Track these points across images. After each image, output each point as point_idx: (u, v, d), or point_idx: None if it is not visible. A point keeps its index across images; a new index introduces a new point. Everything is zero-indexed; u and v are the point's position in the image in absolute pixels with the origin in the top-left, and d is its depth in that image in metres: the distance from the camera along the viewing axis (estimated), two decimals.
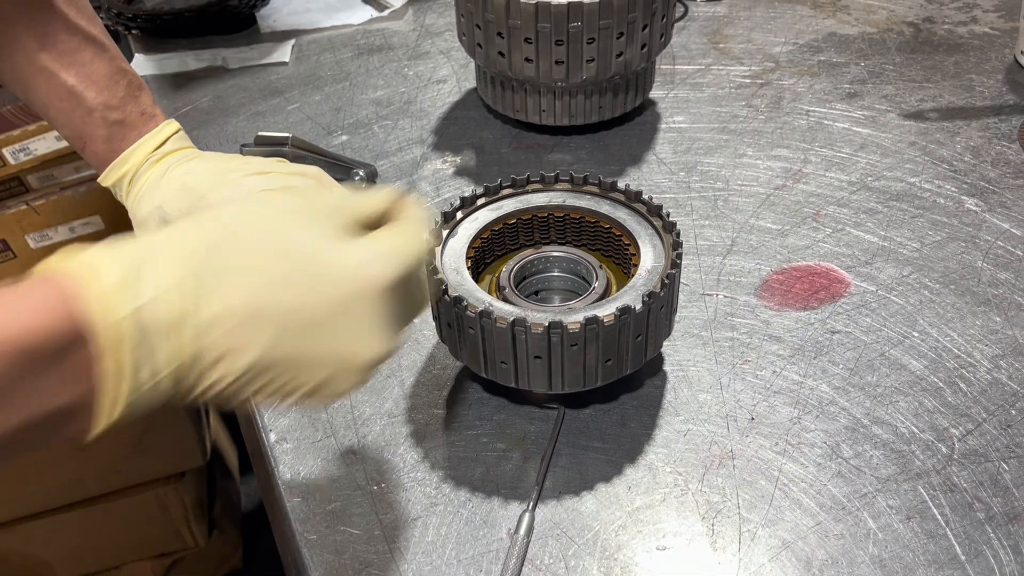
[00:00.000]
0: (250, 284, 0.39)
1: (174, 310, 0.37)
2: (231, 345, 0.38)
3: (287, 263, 0.40)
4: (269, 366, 0.40)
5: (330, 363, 0.41)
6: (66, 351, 0.35)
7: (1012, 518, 0.51)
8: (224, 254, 0.39)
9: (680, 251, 0.54)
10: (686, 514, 0.52)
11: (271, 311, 0.39)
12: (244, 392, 0.40)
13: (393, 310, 0.42)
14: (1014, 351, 0.61)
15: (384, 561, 0.51)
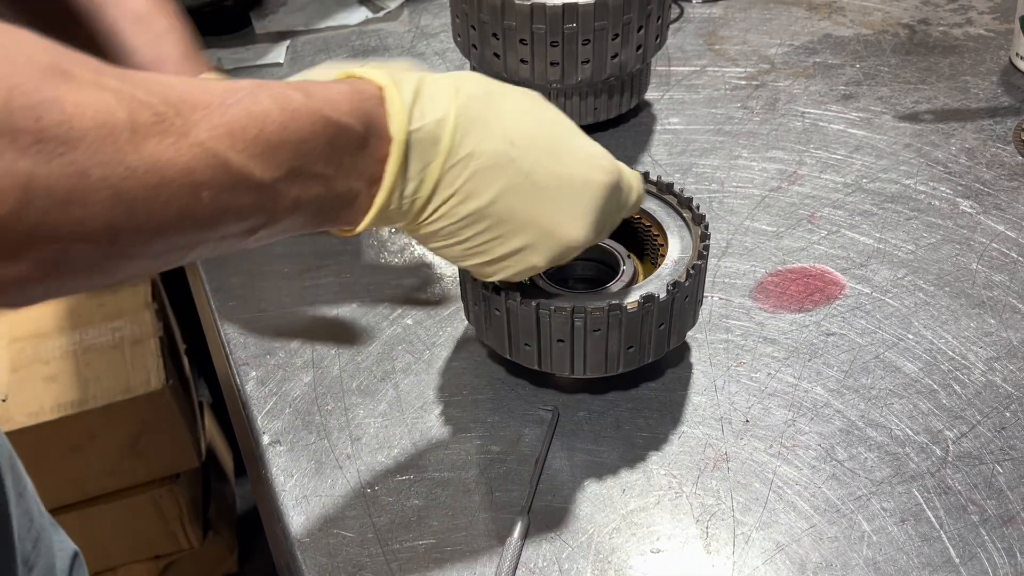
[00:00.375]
0: (503, 137, 0.44)
1: (444, 138, 0.42)
2: (471, 187, 0.43)
3: (540, 130, 0.45)
4: (489, 216, 0.44)
5: (538, 230, 0.46)
6: (367, 141, 0.40)
7: (1006, 521, 0.51)
8: (491, 106, 0.44)
9: (707, 243, 0.55)
10: (680, 517, 0.52)
11: (515, 164, 0.44)
12: (454, 237, 0.45)
13: (605, 210, 0.47)
14: (1008, 353, 0.61)
15: (377, 564, 0.51)
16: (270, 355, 0.64)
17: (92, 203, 0.30)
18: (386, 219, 0.43)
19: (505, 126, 0.44)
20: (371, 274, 0.71)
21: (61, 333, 1.35)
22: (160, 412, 1.29)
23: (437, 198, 0.43)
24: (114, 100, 0.31)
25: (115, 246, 0.32)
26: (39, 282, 0.31)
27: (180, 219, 0.33)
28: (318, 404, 0.60)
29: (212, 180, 0.34)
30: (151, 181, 0.32)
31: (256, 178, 0.36)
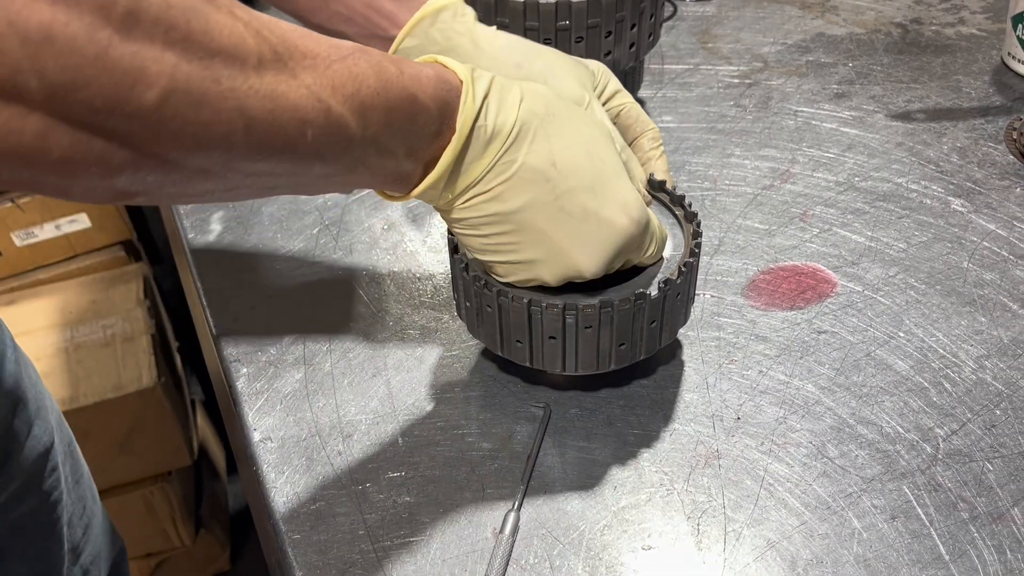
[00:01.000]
0: (548, 158, 0.47)
1: (495, 143, 0.45)
2: (501, 191, 0.46)
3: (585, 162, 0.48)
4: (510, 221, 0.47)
5: (552, 250, 0.49)
6: (440, 128, 0.44)
7: (996, 518, 0.51)
8: (547, 127, 0.47)
9: (699, 240, 0.55)
10: (671, 514, 0.52)
11: (550, 185, 0.47)
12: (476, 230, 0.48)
13: (620, 252, 0.50)
14: (999, 351, 0.61)
15: (368, 561, 0.51)
16: (261, 352, 0.64)
17: (220, 110, 0.33)
18: (428, 196, 0.47)
19: (553, 149, 0.47)
20: (363, 271, 0.71)
21: (52, 330, 1.35)
22: (152, 410, 1.29)
23: (472, 191, 0.47)
24: (244, 30, 0.34)
25: (228, 155, 0.35)
26: (152, 171, 0.33)
27: (285, 148, 0.36)
28: (309, 401, 0.60)
29: (316, 120, 0.37)
30: (268, 106, 0.35)
31: (351, 130, 0.39)
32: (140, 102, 0.30)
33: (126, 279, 1.47)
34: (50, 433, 0.74)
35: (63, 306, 1.40)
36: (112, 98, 0.30)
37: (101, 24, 0.29)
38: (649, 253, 0.54)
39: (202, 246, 0.75)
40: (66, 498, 0.74)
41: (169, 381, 1.35)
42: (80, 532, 0.77)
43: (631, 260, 0.53)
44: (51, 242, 1.50)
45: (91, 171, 0.31)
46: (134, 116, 0.30)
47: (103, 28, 0.29)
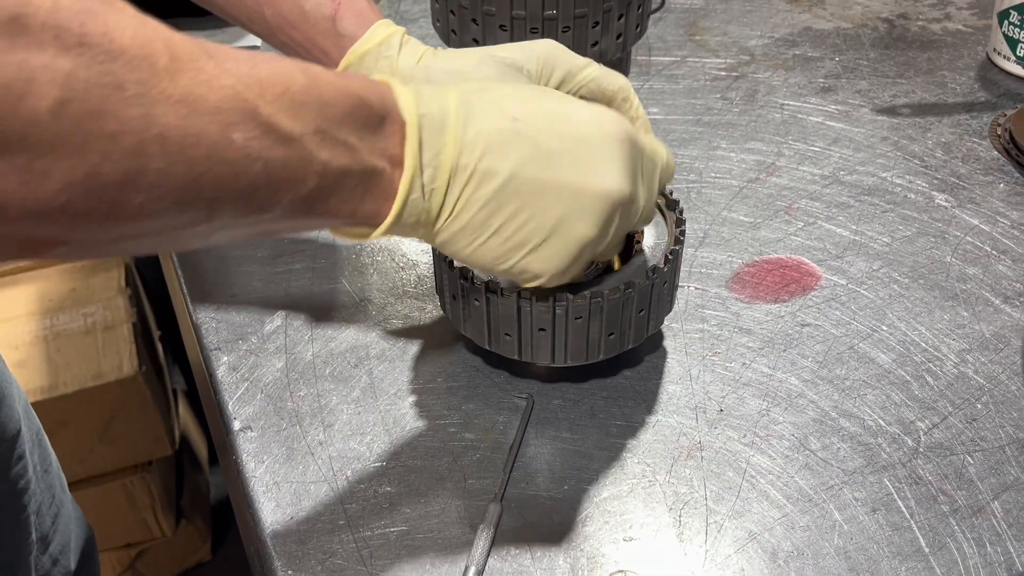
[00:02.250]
0: (507, 113, 0.43)
1: (449, 124, 0.42)
2: (485, 166, 0.43)
3: (540, 102, 0.45)
4: (513, 194, 0.43)
5: (568, 193, 0.44)
6: (383, 119, 0.40)
7: (976, 511, 0.51)
8: (487, 94, 0.44)
9: (683, 228, 0.54)
10: (653, 505, 0.52)
11: (522, 136, 0.43)
12: (480, 233, 0.44)
13: (630, 158, 0.46)
14: (981, 346, 0.61)
15: (348, 551, 0.50)
16: (242, 340, 0.63)
17: (125, 119, 0.30)
18: (411, 217, 0.42)
19: (503, 106, 0.44)
20: (346, 260, 0.70)
21: (31, 318, 1.33)
22: (132, 399, 1.28)
23: (455, 186, 0.43)
24: (152, 32, 0.31)
25: (145, 174, 0.31)
26: (63, 211, 0.30)
27: (210, 157, 0.33)
28: (290, 390, 0.59)
29: (242, 122, 0.33)
30: (183, 111, 0.31)
31: (285, 129, 0.35)
32: (31, 115, 0.27)
33: (107, 267, 1.46)
34: (16, 421, 0.73)
35: (43, 294, 1.38)
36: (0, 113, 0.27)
37: None
38: (666, 164, 0.51)
39: None
40: (34, 487, 0.74)
41: (150, 370, 1.34)
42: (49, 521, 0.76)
43: (653, 180, 0.49)
44: None
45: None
46: (27, 134, 0.27)
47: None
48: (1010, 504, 0.51)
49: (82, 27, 0.29)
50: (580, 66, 0.57)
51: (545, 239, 0.44)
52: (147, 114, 0.30)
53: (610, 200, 0.44)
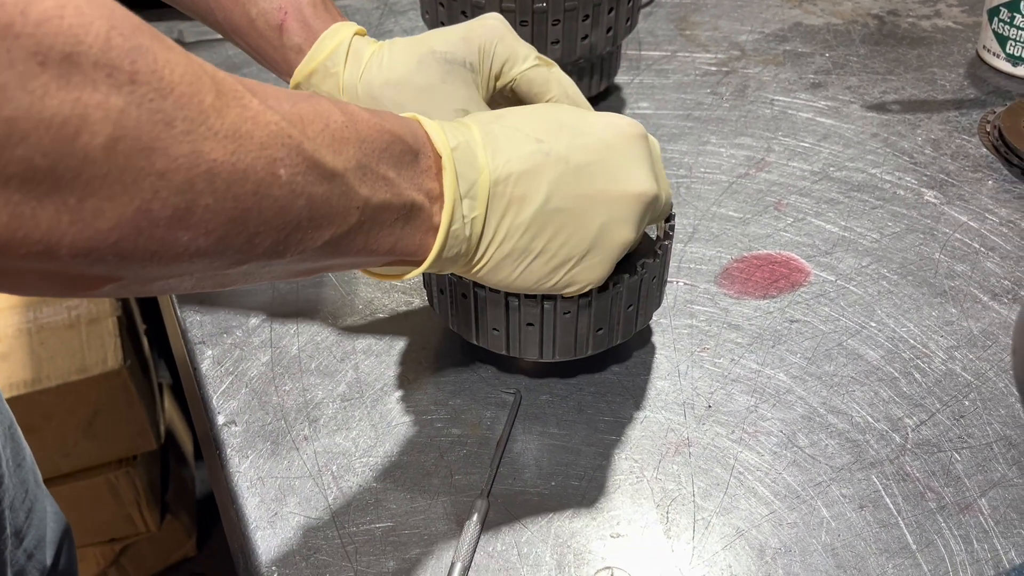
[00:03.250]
0: (530, 135, 0.44)
1: (479, 155, 0.43)
2: (521, 191, 0.43)
3: (558, 118, 0.46)
4: (553, 213, 0.44)
5: (606, 201, 0.45)
6: (418, 154, 0.41)
7: (963, 508, 0.51)
8: (504, 120, 0.45)
9: (673, 222, 0.54)
10: (641, 501, 0.52)
11: (551, 156, 0.44)
12: (526, 256, 0.45)
13: (649, 158, 0.47)
14: (968, 342, 0.61)
15: (333, 547, 0.50)
16: (227, 334, 0.63)
17: (175, 156, 0.30)
18: (453, 250, 0.42)
19: (525, 130, 0.45)
20: None
21: (14, 311, 1.32)
22: (117, 393, 1.27)
23: (493, 215, 0.43)
24: (198, 68, 0.31)
25: (191, 215, 0.31)
26: (113, 250, 0.30)
27: (256, 193, 0.33)
28: (275, 384, 0.59)
29: (287, 158, 0.34)
30: (230, 147, 0.32)
31: (328, 165, 0.36)
32: (85, 154, 0.27)
33: None
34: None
35: None
36: (53, 152, 0.27)
37: (35, 72, 0.26)
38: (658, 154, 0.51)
39: None
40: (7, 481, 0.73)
41: (135, 364, 1.33)
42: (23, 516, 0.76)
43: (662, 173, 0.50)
44: None
45: (37, 251, 0.28)
46: (80, 172, 0.27)
47: (38, 76, 0.26)
48: (997, 501, 0.51)
49: (133, 64, 0.29)
50: (519, 58, 0.56)
51: (588, 250, 0.46)
52: (196, 151, 0.30)
53: (644, 200, 0.46)
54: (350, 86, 0.56)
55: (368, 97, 0.56)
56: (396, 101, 0.56)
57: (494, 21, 0.56)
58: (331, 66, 0.56)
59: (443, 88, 0.55)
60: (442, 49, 0.55)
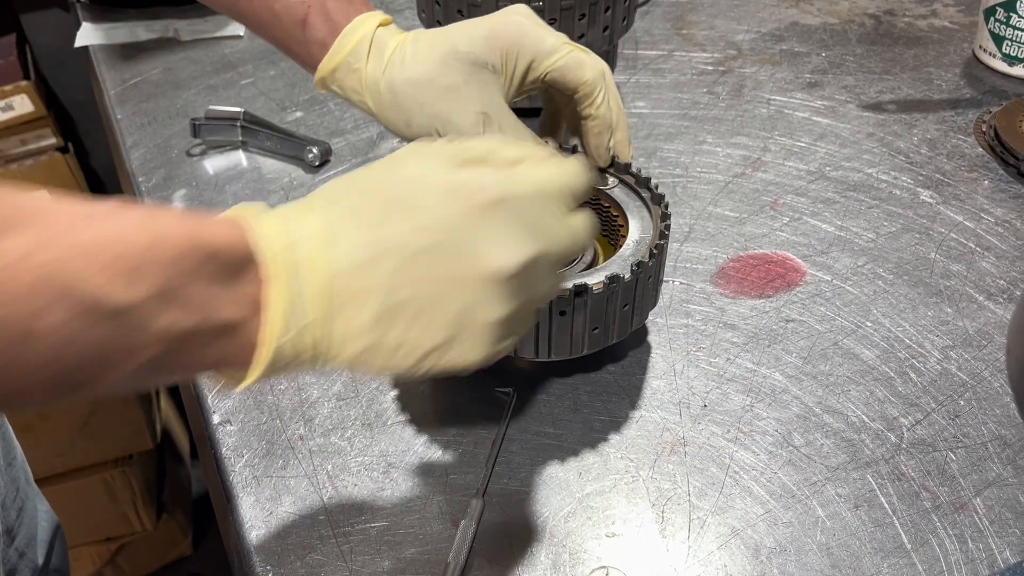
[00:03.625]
0: (370, 221, 0.40)
1: (313, 253, 0.38)
2: (360, 286, 0.39)
3: (392, 200, 0.41)
4: (399, 306, 0.39)
5: (459, 286, 0.40)
6: (240, 268, 0.37)
7: (958, 508, 0.51)
8: (350, 199, 0.41)
9: (668, 222, 0.54)
10: (636, 501, 0.52)
11: (388, 244, 0.40)
12: (381, 352, 0.40)
13: (525, 216, 0.41)
14: (964, 342, 0.61)
15: (328, 547, 0.50)
16: None
17: None
18: (286, 359, 0.38)
19: (365, 216, 0.40)
20: None
21: None
22: None
23: (334, 315, 0.39)
24: None
25: None
26: None
27: (11, 348, 0.30)
28: (271, 384, 0.59)
29: (53, 306, 0.31)
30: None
31: (112, 302, 0.32)
32: None
33: None
34: None
35: None
36: None
37: None
38: (580, 190, 0.45)
39: None
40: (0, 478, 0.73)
41: None
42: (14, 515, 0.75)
43: (556, 223, 0.43)
44: None
45: None
46: None
47: None
48: (992, 500, 0.51)
49: None
50: (547, 51, 0.54)
51: (453, 336, 0.41)
52: None
53: (504, 276, 0.40)
54: (372, 82, 0.56)
55: (391, 94, 0.55)
56: (418, 100, 0.55)
57: (519, 17, 0.55)
58: (353, 62, 0.56)
59: (465, 90, 0.54)
60: (465, 49, 0.54)
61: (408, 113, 0.56)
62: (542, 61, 0.55)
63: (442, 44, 0.55)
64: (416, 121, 0.56)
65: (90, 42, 0.98)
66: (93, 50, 0.98)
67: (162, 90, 0.90)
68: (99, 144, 1.64)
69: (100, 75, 0.94)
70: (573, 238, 0.45)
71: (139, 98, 0.89)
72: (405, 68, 0.55)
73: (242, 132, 0.80)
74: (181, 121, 0.85)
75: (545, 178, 0.44)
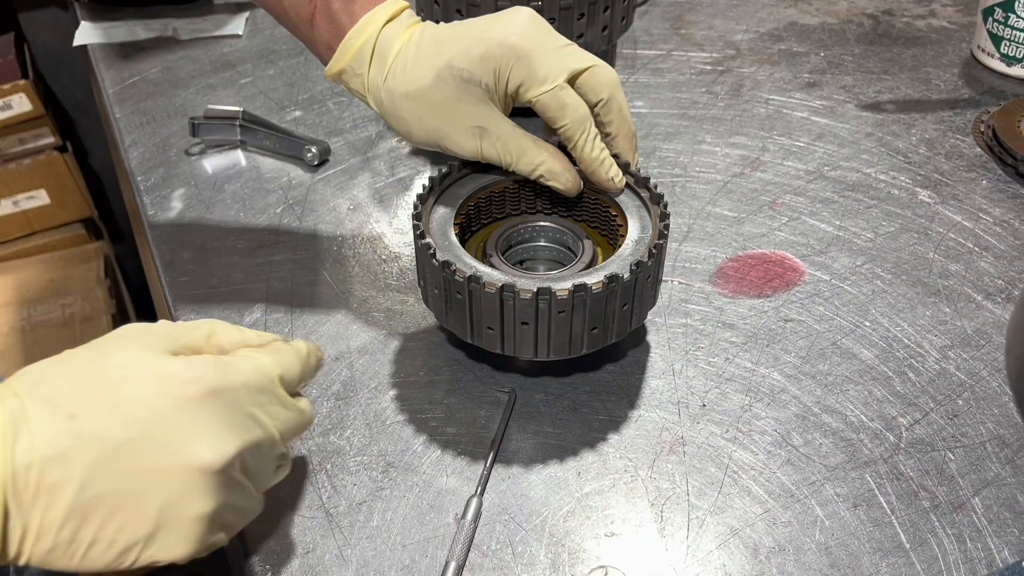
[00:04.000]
0: (63, 410, 0.38)
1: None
2: (49, 481, 0.37)
3: (101, 385, 0.39)
4: (95, 500, 0.38)
5: (161, 479, 0.39)
6: None
7: (956, 507, 0.51)
8: (45, 389, 0.39)
9: (667, 222, 0.54)
10: (635, 500, 0.52)
11: (84, 435, 0.38)
12: (76, 548, 0.38)
13: (234, 415, 0.41)
14: (962, 342, 0.61)
15: (328, 546, 0.50)
16: None
17: None
18: None
19: (60, 403, 0.39)
20: (327, 252, 0.69)
21: (8, 309, 1.31)
22: None
23: (19, 512, 0.37)
24: None
25: None
26: None
27: None
28: None
29: None
30: None
31: None
32: None
33: (86, 258, 1.44)
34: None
35: (20, 284, 1.36)
36: None
37: None
38: (304, 374, 0.47)
39: (162, 223, 0.73)
40: None
41: None
42: None
43: (277, 407, 0.44)
44: (8, 219, 1.46)
45: None
46: None
47: None
48: (990, 500, 0.51)
49: None
50: (537, 81, 0.54)
51: (155, 531, 0.39)
52: None
53: (210, 471, 0.40)
54: (375, 88, 0.57)
55: (391, 105, 0.56)
56: (415, 113, 0.56)
57: (516, 37, 0.54)
58: (356, 67, 0.57)
59: (458, 106, 0.55)
60: (460, 66, 0.54)
61: (407, 124, 0.57)
62: (528, 89, 0.54)
63: (439, 58, 0.55)
64: (415, 133, 0.57)
65: (89, 41, 0.98)
66: (92, 49, 0.98)
67: (161, 89, 0.90)
68: (98, 143, 1.64)
69: (99, 74, 0.94)
70: (298, 419, 0.46)
71: (138, 97, 0.89)
72: (405, 80, 0.55)
73: (241, 131, 0.80)
74: (180, 120, 0.85)
75: (261, 366, 0.44)
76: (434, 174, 0.58)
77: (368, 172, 0.78)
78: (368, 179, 0.77)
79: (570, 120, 0.55)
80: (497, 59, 0.54)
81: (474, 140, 0.56)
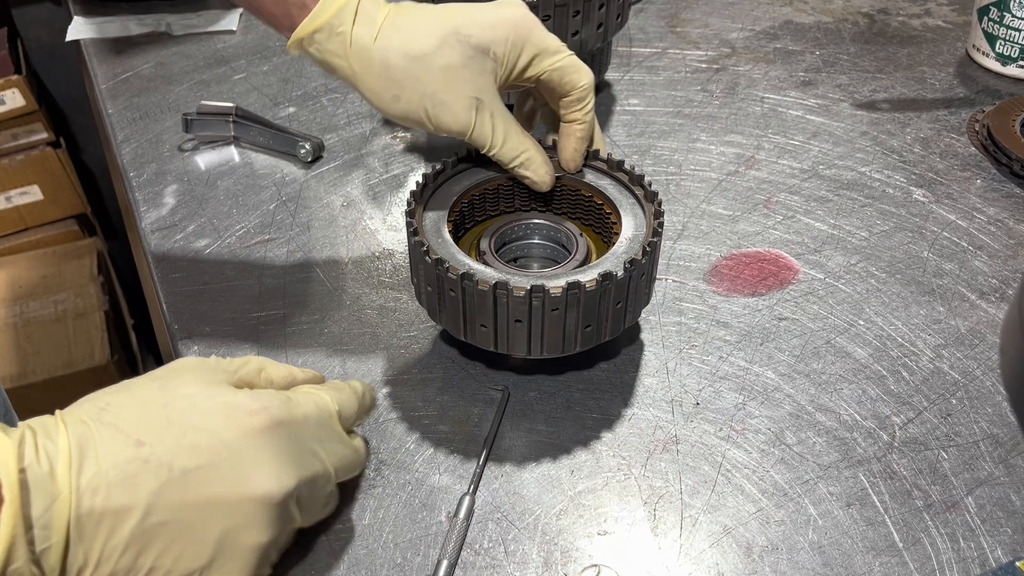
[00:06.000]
0: (130, 438, 0.39)
1: (59, 471, 0.37)
2: (115, 506, 0.37)
3: (167, 414, 0.40)
4: (158, 527, 0.38)
5: (223, 509, 0.39)
6: None
7: (950, 506, 0.51)
8: (109, 415, 0.40)
9: (662, 220, 0.54)
10: (628, 499, 0.52)
11: (151, 463, 0.39)
12: (139, 570, 0.39)
13: (288, 444, 0.42)
14: (956, 341, 0.61)
15: (320, 544, 0.49)
16: (213, 329, 0.62)
17: None
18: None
19: (126, 430, 0.39)
20: (321, 249, 0.69)
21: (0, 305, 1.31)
22: None
23: (82, 538, 0.37)
24: None
25: None
26: None
27: None
28: None
29: None
30: None
31: None
32: None
33: (79, 254, 1.43)
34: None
35: (12, 280, 1.36)
36: None
37: None
38: (354, 414, 0.48)
39: (155, 220, 0.73)
40: None
41: (123, 359, 1.32)
42: None
43: (331, 443, 0.46)
44: (0, 215, 1.46)
45: None
46: None
47: None
48: (984, 499, 0.51)
49: None
50: (551, 50, 0.55)
51: (212, 561, 0.40)
52: None
53: (271, 503, 0.41)
54: (362, 47, 0.53)
55: (383, 65, 0.53)
56: (413, 75, 0.53)
57: (523, 11, 0.54)
58: (337, 24, 0.53)
59: (462, 73, 0.53)
60: (467, 32, 0.53)
61: (399, 87, 0.53)
62: (544, 59, 0.54)
63: (443, 23, 0.53)
64: (406, 97, 0.54)
65: (82, 36, 0.98)
66: (85, 44, 0.97)
67: (154, 85, 0.89)
68: (91, 139, 1.63)
69: (92, 69, 0.93)
70: (354, 457, 0.47)
71: (130, 93, 0.89)
72: (402, 40, 0.53)
73: (234, 127, 0.79)
74: (173, 116, 0.84)
75: (321, 402, 0.45)
76: (428, 171, 0.58)
77: (362, 169, 0.77)
78: (362, 176, 0.77)
79: (587, 81, 0.55)
80: (510, 28, 0.53)
81: (469, 112, 0.54)
